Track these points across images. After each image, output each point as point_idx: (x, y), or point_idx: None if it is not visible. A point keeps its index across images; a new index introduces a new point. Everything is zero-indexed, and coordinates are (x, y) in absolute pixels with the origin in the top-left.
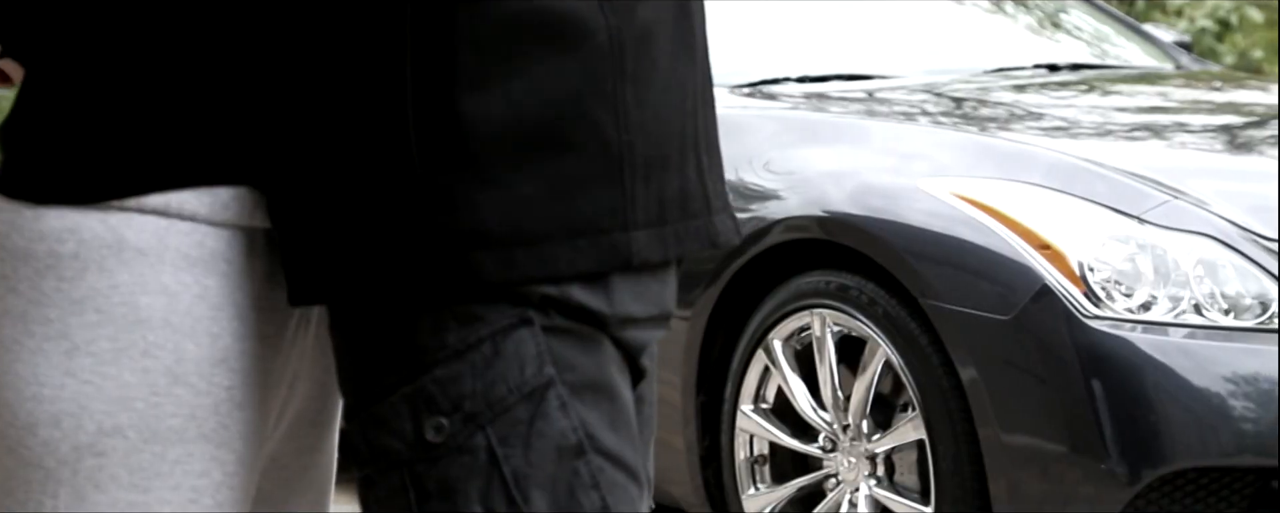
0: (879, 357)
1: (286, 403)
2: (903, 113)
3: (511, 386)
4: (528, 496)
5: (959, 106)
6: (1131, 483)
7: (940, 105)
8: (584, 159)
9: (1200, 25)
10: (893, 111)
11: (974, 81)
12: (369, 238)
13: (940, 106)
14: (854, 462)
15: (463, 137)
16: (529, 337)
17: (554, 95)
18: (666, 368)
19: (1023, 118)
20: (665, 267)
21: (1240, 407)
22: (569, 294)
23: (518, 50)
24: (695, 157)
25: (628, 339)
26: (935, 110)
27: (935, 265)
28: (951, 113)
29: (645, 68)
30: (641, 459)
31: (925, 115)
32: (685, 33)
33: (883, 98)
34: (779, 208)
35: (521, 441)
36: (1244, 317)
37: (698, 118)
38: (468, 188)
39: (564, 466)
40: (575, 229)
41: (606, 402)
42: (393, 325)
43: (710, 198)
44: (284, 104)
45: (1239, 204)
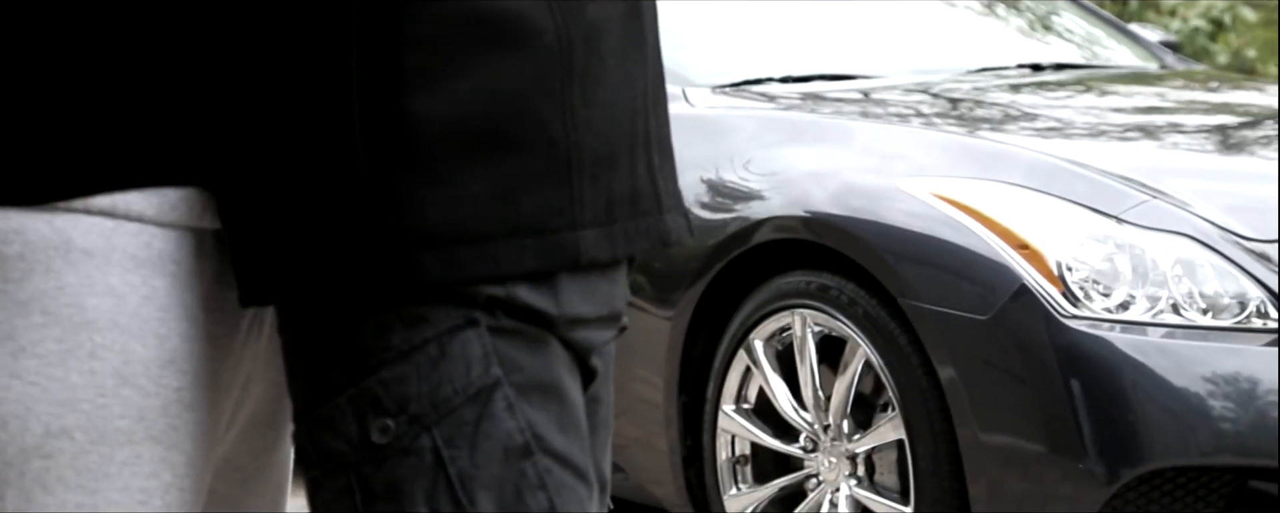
0: (859, 357)
1: (239, 405)
2: (897, 113)
3: (457, 387)
4: (473, 497)
5: (955, 107)
6: (1109, 482)
7: (936, 106)
8: (530, 158)
9: (1193, 24)
10: (887, 112)
11: (960, 81)
12: (316, 238)
13: (936, 107)
14: (834, 462)
15: (409, 136)
16: (475, 338)
17: (500, 95)
18: (649, 368)
19: (1015, 118)
20: (615, 266)
21: (1219, 406)
22: (515, 294)
23: (464, 50)
24: (645, 155)
25: (577, 339)
26: (930, 111)
27: (914, 265)
28: (947, 113)
29: (594, 67)
30: (590, 460)
31: (920, 116)
32: (636, 32)
33: (879, 98)
34: (761, 208)
35: (467, 442)
36: (1222, 316)
37: (649, 117)
38: (413, 188)
39: (511, 467)
40: (521, 229)
41: (555, 403)
42: (339, 326)
43: (661, 197)
44: (231, 104)
45: (1218, 204)
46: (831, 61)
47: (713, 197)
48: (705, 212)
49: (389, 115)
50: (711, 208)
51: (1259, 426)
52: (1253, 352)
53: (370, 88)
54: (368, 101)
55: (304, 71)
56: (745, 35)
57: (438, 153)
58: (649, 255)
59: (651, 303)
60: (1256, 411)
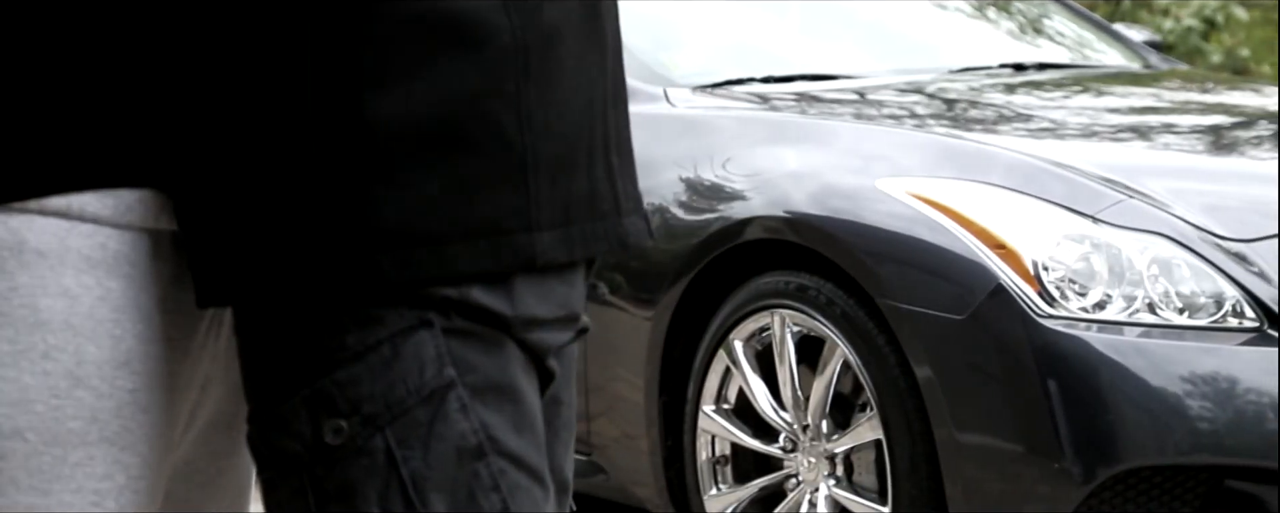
0: (837, 357)
1: (198, 407)
2: (891, 114)
3: (411, 387)
4: (426, 498)
5: (950, 108)
6: (1086, 482)
7: (931, 106)
8: (485, 160)
9: (1187, 24)
10: (881, 113)
11: (945, 81)
12: (271, 239)
13: (931, 107)
14: (814, 462)
15: (364, 137)
16: (429, 338)
17: (455, 96)
18: (629, 368)
19: (1007, 119)
20: (572, 268)
21: (1196, 406)
22: (469, 296)
23: (420, 51)
24: (604, 157)
25: (533, 341)
26: (925, 112)
27: (892, 265)
28: (941, 114)
29: (551, 69)
30: (546, 462)
31: (914, 117)
32: (594, 33)
33: (875, 99)
34: (742, 208)
35: (421, 443)
36: (1198, 316)
37: (608, 118)
38: (368, 189)
39: (464, 468)
40: (476, 230)
41: (510, 404)
42: (293, 327)
43: (620, 199)
44: (187, 105)
45: (1196, 203)
46: (813, 61)
47: (693, 196)
48: (686, 211)
49: (344, 116)
50: (692, 208)
51: (1236, 425)
52: (1229, 351)
53: (326, 88)
54: (323, 102)
55: (259, 72)
56: (727, 35)
57: (393, 154)
58: (627, 255)
59: (632, 303)
60: (1234, 410)
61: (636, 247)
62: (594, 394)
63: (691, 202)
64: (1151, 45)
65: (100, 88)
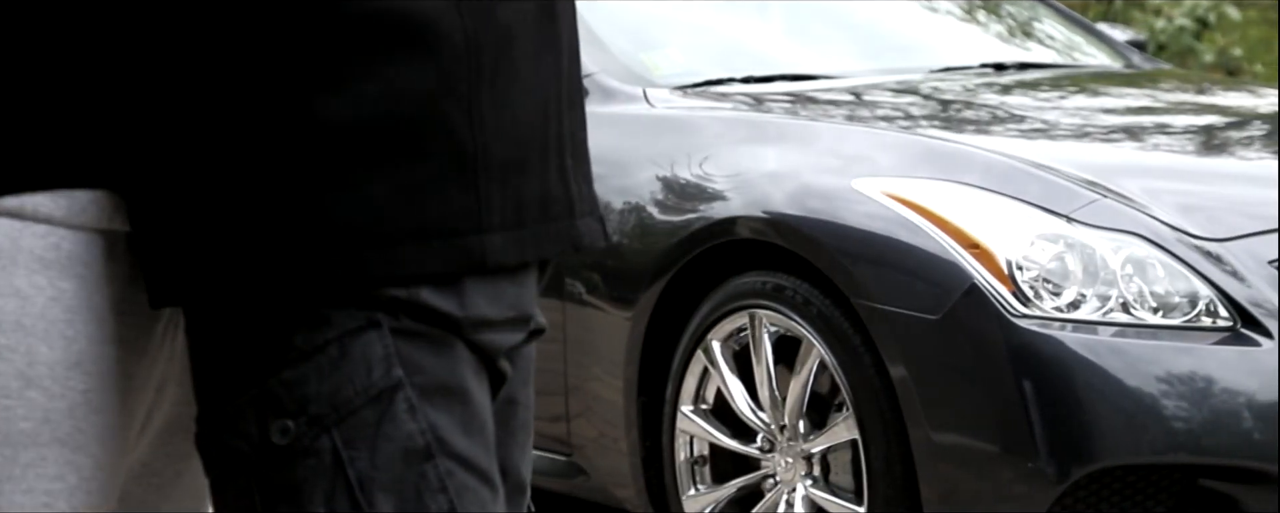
0: (814, 357)
1: (154, 408)
2: (885, 116)
3: (358, 388)
4: (372, 498)
5: (945, 108)
6: (1060, 481)
7: (915, 107)
8: (436, 162)
9: (1179, 23)
10: (875, 114)
11: (923, 82)
12: (221, 239)
13: (915, 108)
14: (790, 462)
15: (314, 138)
16: (377, 339)
17: (406, 97)
18: (609, 369)
19: (982, 120)
20: (524, 269)
21: (1170, 405)
22: (418, 296)
23: (370, 52)
24: (558, 159)
25: (483, 342)
26: (919, 113)
27: (867, 265)
28: (936, 115)
29: (504, 70)
30: (495, 463)
31: (908, 118)
32: (549, 34)
33: (869, 100)
34: (721, 208)
35: (368, 443)
36: (1172, 315)
37: (562, 120)
38: (317, 189)
39: (411, 469)
40: (426, 232)
41: (458, 405)
42: (241, 327)
43: (574, 201)
44: (139, 106)
45: (1170, 203)
46: (794, 62)
47: (672, 196)
48: (664, 211)
49: (294, 117)
50: (670, 208)
51: (1212, 424)
52: (1205, 351)
53: (276, 89)
54: (273, 103)
55: (209, 73)
56: (708, 35)
57: (343, 155)
58: (604, 256)
59: (611, 304)
60: (1210, 409)
61: (590, 248)
62: (574, 395)
63: (670, 202)
64: (1135, 45)
65: (53, 89)
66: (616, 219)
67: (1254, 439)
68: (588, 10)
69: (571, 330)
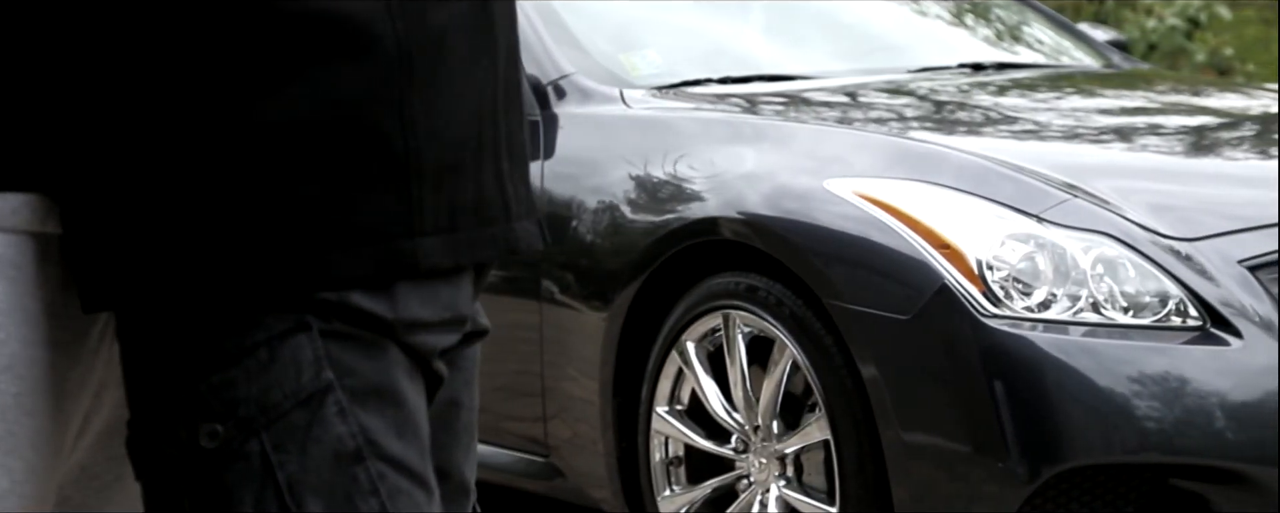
0: (787, 357)
1: (93, 412)
2: (878, 117)
3: (287, 391)
4: (302, 501)
5: (938, 109)
6: (1030, 481)
7: (921, 108)
8: (367, 166)
9: (1170, 23)
10: (868, 117)
11: (900, 81)
12: (152, 243)
13: (921, 109)
14: (764, 463)
15: (244, 141)
16: (306, 342)
17: (336, 101)
18: (585, 370)
19: (947, 119)
20: (459, 272)
21: (1141, 405)
22: (349, 299)
23: (301, 55)
24: (494, 163)
25: (416, 344)
26: (912, 114)
27: (838, 265)
28: (929, 116)
29: (436, 74)
30: (429, 465)
31: (901, 119)
32: (485, 37)
33: (864, 101)
34: (697, 209)
35: (298, 446)
36: (1143, 315)
37: (498, 123)
38: (248, 193)
39: (342, 472)
40: (357, 235)
41: (391, 408)
42: (171, 331)
43: (510, 204)
44: (70, 109)
45: (1141, 203)
46: (772, 62)
47: (646, 197)
48: (638, 212)
49: (225, 120)
50: (645, 208)
51: (1184, 424)
52: (1176, 350)
53: (207, 92)
54: (204, 106)
55: (141, 76)
56: (688, 36)
57: (272, 158)
58: (579, 256)
59: (587, 304)
60: (1182, 409)
61: (527, 252)
62: (550, 396)
63: (644, 202)
64: (1115, 45)
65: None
66: (590, 219)
67: (1227, 439)
68: (567, 11)
69: (548, 332)
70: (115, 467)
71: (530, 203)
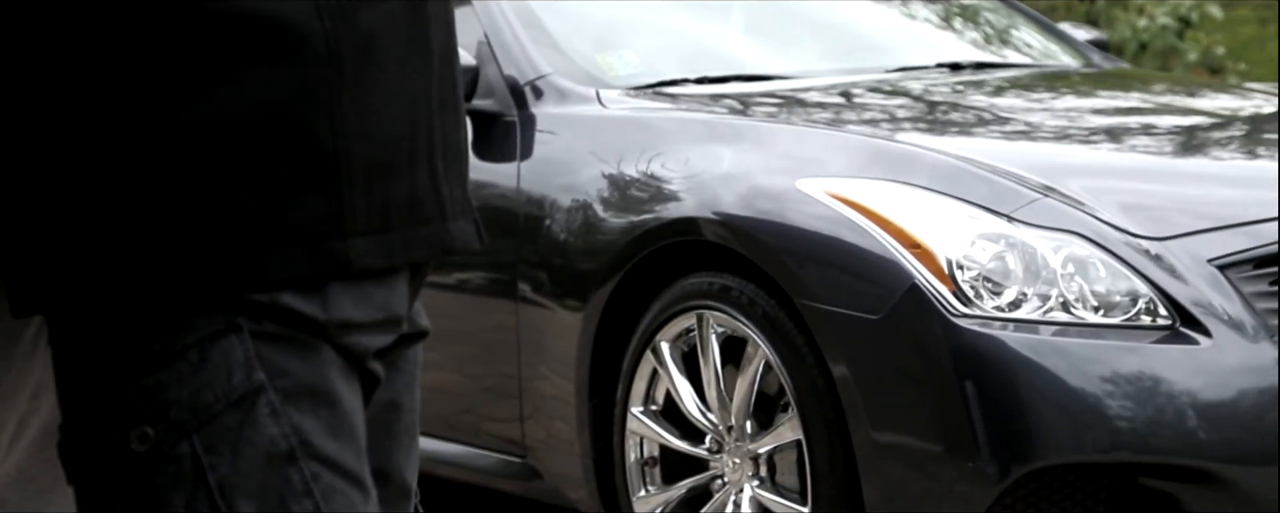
0: (759, 358)
1: (29, 415)
2: (870, 118)
3: (218, 393)
4: (233, 504)
5: (931, 110)
6: (1000, 481)
7: (915, 109)
8: (297, 167)
9: (1161, 22)
10: (860, 118)
11: (882, 82)
12: (81, 247)
13: (914, 110)
14: (738, 463)
15: (172, 142)
16: (237, 343)
17: (266, 102)
18: (561, 371)
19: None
20: (392, 273)
21: (1112, 404)
22: (280, 300)
23: (229, 56)
24: (428, 163)
25: (350, 345)
26: (904, 115)
27: (810, 265)
28: (921, 116)
29: (367, 73)
30: (365, 465)
31: (892, 120)
32: (418, 37)
33: (842, 101)
34: (671, 209)
35: (229, 448)
36: (1113, 314)
37: (433, 123)
38: (176, 194)
39: (274, 473)
40: (287, 236)
41: (325, 408)
42: (101, 334)
43: (445, 204)
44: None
45: (1112, 202)
46: (751, 62)
47: (620, 197)
48: (612, 212)
49: (153, 121)
50: (619, 209)
51: (1155, 423)
52: (1147, 350)
53: (134, 93)
54: (132, 107)
55: (68, 77)
56: (666, 36)
57: (201, 159)
58: (553, 256)
59: (562, 305)
60: (1153, 408)
61: (463, 252)
62: (527, 396)
63: (618, 202)
64: (1096, 45)
65: None
66: (565, 219)
67: (1198, 438)
68: (545, 11)
69: (524, 332)
70: (53, 469)
71: (466, 203)
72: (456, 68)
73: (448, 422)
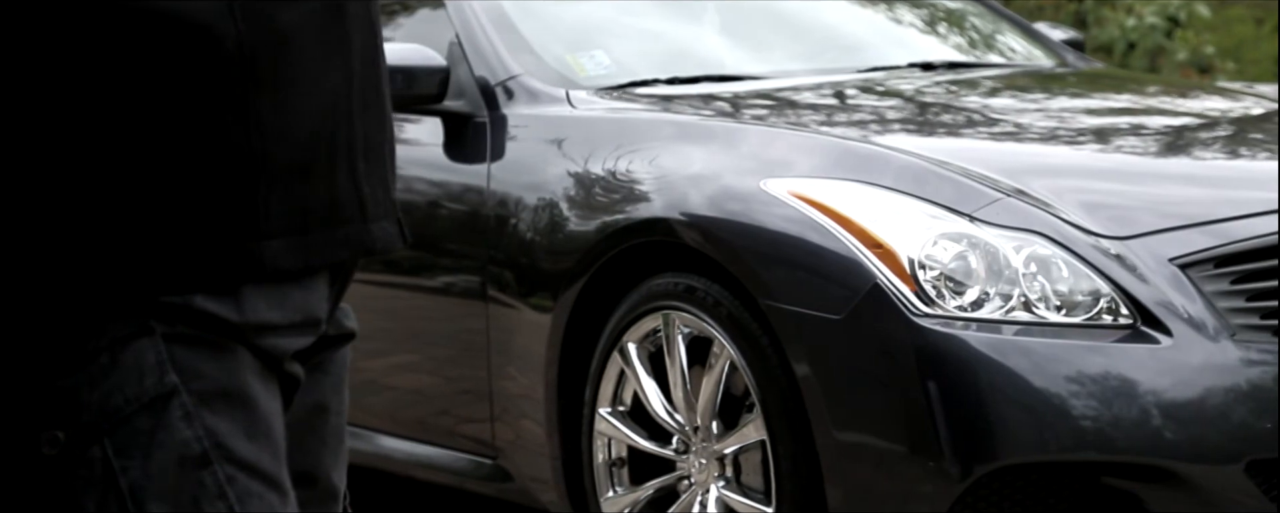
0: (724, 358)
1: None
2: (859, 120)
3: (129, 396)
4: (144, 508)
5: (922, 112)
6: (963, 480)
7: (905, 110)
8: (211, 168)
9: (1149, 22)
10: (851, 119)
11: (851, 81)
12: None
13: (906, 111)
14: (705, 463)
15: (83, 144)
16: (149, 346)
17: (178, 102)
18: (530, 372)
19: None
20: (310, 274)
21: (1074, 403)
22: (193, 302)
23: (141, 55)
24: (348, 164)
25: (267, 347)
26: (895, 116)
27: (773, 266)
28: (912, 118)
29: (283, 74)
30: (283, 467)
31: (882, 121)
32: (337, 37)
33: (811, 101)
34: (635, 210)
35: (141, 452)
36: (1075, 314)
37: (353, 124)
38: (89, 196)
39: (187, 476)
40: (200, 238)
41: (241, 410)
42: (12, 338)
43: (366, 205)
44: None
45: (1075, 201)
46: (724, 63)
47: (589, 198)
48: (580, 213)
49: (63, 122)
50: (587, 209)
51: (1119, 422)
52: (1110, 349)
53: (45, 93)
54: (41, 108)
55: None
56: (638, 37)
57: (113, 160)
58: (522, 256)
59: (529, 306)
60: (1117, 407)
61: (385, 253)
62: (496, 398)
63: (586, 203)
64: (1071, 44)
65: None
66: (532, 219)
67: (1162, 438)
68: (516, 12)
69: (494, 334)
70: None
71: (389, 203)
72: (381, 68)
73: (423, 423)
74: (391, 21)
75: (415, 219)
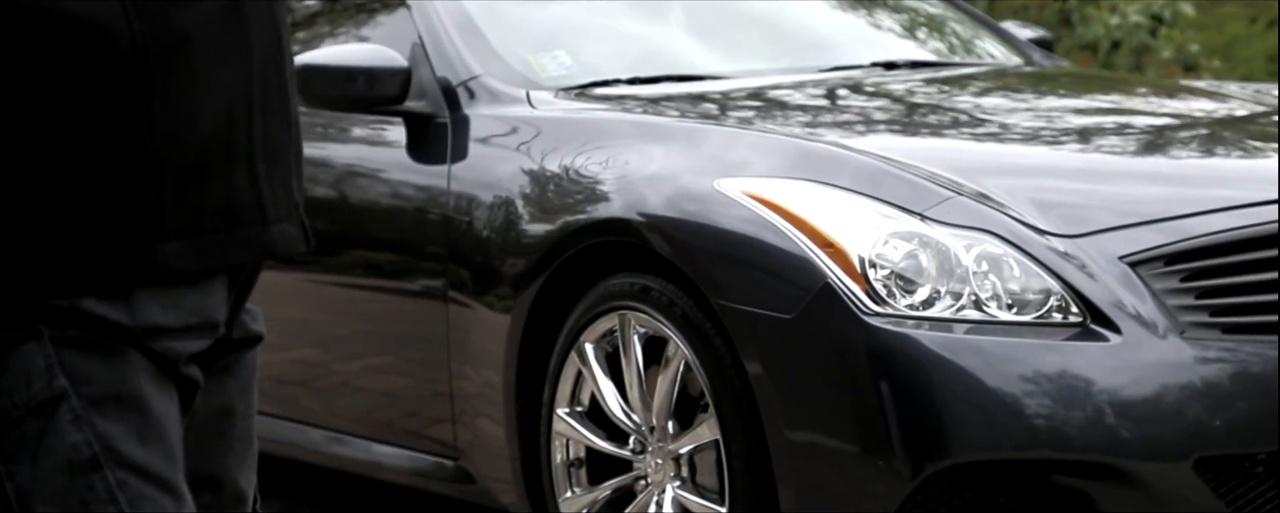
0: (679, 358)
1: None
2: (848, 120)
3: (17, 400)
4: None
5: (911, 113)
6: (913, 478)
7: (894, 111)
8: (103, 169)
9: (1134, 20)
10: (840, 119)
11: (812, 81)
12: None
13: (894, 112)
14: (661, 463)
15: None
16: (37, 350)
17: (70, 105)
18: (489, 373)
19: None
20: (207, 277)
21: (1026, 401)
22: (82, 305)
23: (31, 55)
24: (247, 165)
25: (161, 350)
26: (884, 116)
27: (727, 265)
28: (902, 118)
29: (179, 75)
30: (178, 470)
31: (874, 122)
32: (235, 38)
33: (771, 100)
34: (591, 211)
35: (29, 456)
36: (1026, 312)
37: (252, 125)
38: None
39: (77, 480)
40: (90, 240)
41: (133, 414)
42: None
43: (266, 207)
44: None
45: (1027, 200)
46: (686, 63)
47: (546, 199)
48: (537, 213)
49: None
50: (546, 209)
51: (1068, 420)
52: (1061, 347)
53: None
54: None
55: None
56: (601, 37)
57: (3, 162)
58: (480, 256)
59: (487, 306)
60: (1067, 405)
61: (286, 255)
62: (457, 399)
63: (544, 203)
64: (1038, 43)
65: None
66: (488, 218)
67: (1115, 436)
68: (478, 12)
69: (453, 335)
70: None
71: (291, 205)
72: (285, 69)
73: (388, 425)
74: (357, 23)
75: (377, 220)
